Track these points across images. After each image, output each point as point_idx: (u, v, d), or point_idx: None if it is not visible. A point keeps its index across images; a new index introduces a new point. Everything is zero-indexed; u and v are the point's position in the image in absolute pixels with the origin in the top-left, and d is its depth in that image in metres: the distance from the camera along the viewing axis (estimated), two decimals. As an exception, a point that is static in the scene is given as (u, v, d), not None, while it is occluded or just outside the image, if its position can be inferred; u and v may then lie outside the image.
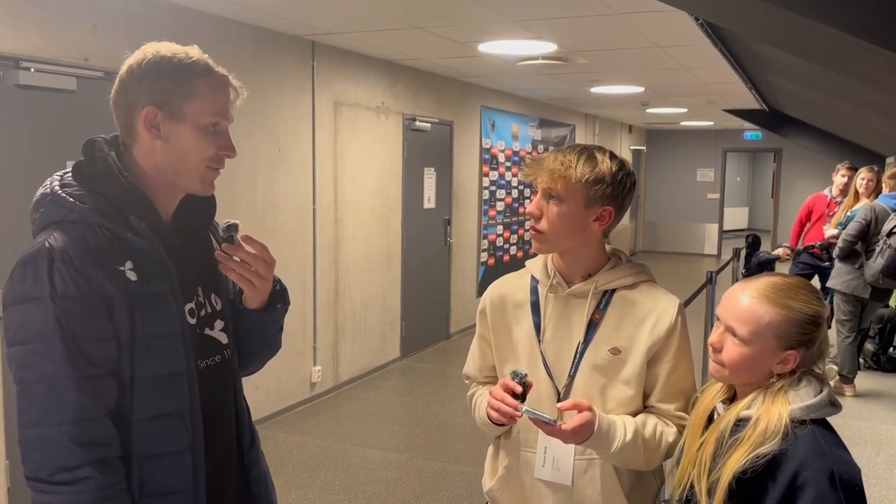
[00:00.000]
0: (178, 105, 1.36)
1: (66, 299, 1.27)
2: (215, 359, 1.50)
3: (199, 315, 1.48)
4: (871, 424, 5.07)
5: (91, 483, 1.26)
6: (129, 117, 1.39)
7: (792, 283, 1.44)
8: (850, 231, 5.42)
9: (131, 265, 1.35)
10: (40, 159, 3.47)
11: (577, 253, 1.68)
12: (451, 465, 4.50)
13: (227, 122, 1.43)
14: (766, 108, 9.62)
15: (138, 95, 1.36)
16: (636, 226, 14.96)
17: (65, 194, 1.35)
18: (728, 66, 6.12)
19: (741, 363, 1.43)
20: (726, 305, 1.46)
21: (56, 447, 1.26)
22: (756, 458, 1.33)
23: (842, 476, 1.30)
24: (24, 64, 3.41)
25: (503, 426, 1.69)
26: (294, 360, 5.38)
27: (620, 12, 4.36)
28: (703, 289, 5.42)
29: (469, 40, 5.35)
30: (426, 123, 6.97)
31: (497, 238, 8.80)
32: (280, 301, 1.57)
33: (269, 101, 5.02)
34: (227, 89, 1.42)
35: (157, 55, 1.38)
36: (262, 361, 1.68)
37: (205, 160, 1.40)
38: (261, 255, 1.46)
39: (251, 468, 1.59)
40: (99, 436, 1.29)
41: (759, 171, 19.98)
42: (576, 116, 11.34)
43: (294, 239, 5.34)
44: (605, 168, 1.61)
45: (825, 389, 1.40)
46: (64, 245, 1.30)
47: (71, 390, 1.27)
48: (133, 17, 3.95)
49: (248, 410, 1.62)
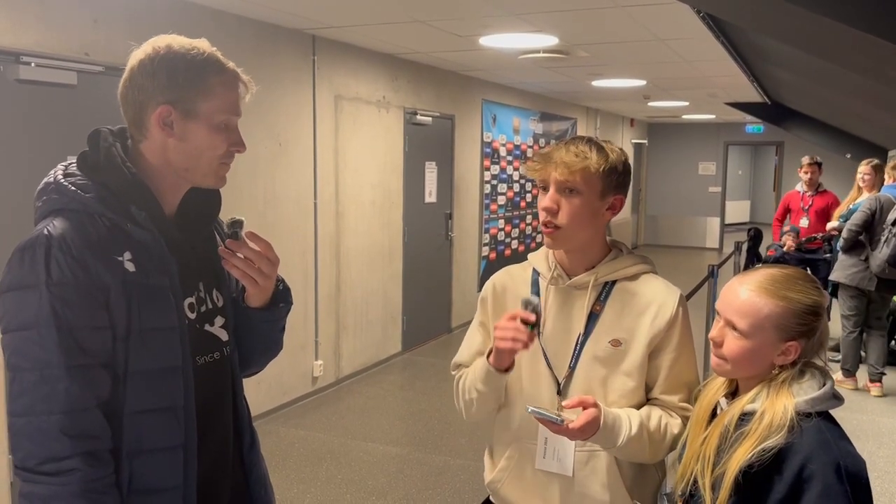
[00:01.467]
0: (194, 103, 1.36)
1: (62, 287, 1.26)
2: (214, 355, 1.48)
3: (200, 310, 1.46)
4: (872, 418, 5.08)
5: (78, 475, 1.25)
6: (140, 114, 1.37)
7: (790, 274, 1.44)
8: (856, 221, 5.39)
9: (130, 256, 1.33)
10: (41, 154, 3.47)
11: (584, 246, 1.68)
12: (453, 458, 4.51)
13: (238, 117, 1.43)
14: (768, 101, 9.60)
15: (151, 93, 1.35)
16: (638, 219, 14.95)
17: (67, 183, 1.34)
18: (730, 58, 6.10)
19: (742, 356, 1.43)
20: (725, 299, 1.46)
21: (45, 437, 1.25)
22: (762, 452, 1.33)
23: (848, 468, 1.30)
24: (25, 59, 3.41)
25: (490, 403, 1.67)
26: (296, 354, 5.38)
27: (622, 5, 4.35)
28: (705, 282, 5.43)
29: (470, 34, 5.34)
30: (427, 117, 6.96)
31: (498, 232, 8.80)
32: (283, 300, 1.55)
33: (270, 96, 5.01)
34: (238, 85, 1.42)
35: (170, 51, 1.36)
36: (264, 362, 1.66)
37: (217, 157, 1.40)
38: (265, 252, 1.45)
39: (251, 469, 1.58)
40: (89, 427, 1.27)
41: (760, 164, 19.94)
42: (577, 110, 11.32)
43: (295, 233, 5.34)
44: (615, 157, 1.64)
45: (828, 382, 1.41)
46: (62, 233, 1.28)
47: (63, 379, 1.25)
48: (133, 12, 3.95)
49: (248, 410, 1.60)
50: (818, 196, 6.73)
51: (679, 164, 15.11)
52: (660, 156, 15.27)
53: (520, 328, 1.52)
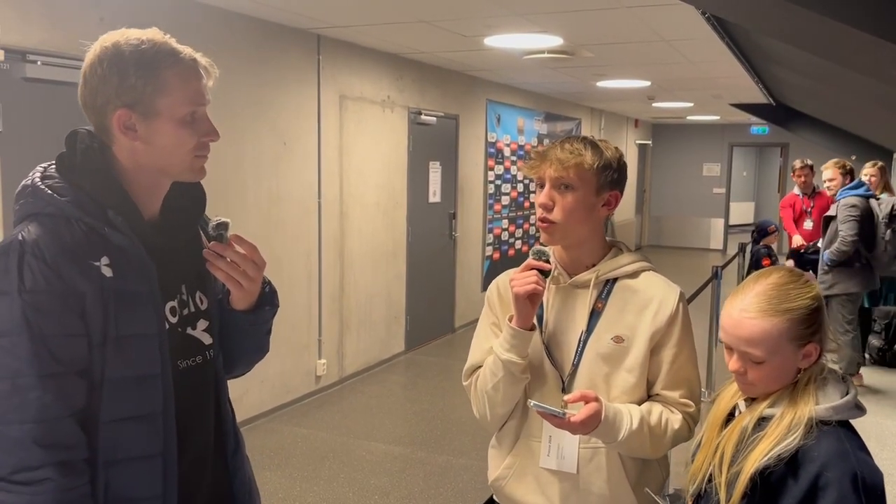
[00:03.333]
0: (151, 102, 1.30)
1: (35, 294, 1.23)
2: (196, 359, 1.44)
3: (182, 314, 1.42)
4: (876, 420, 5.07)
5: (52, 485, 1.22)
6: (101, 119, 1.33)
7: (780, 284, 1.41)
8: (850, 231, 5.30)
9: (107, 260, 1.29)
10: (46, 152, 3.46)
11: (582, 243, 1.70)
12: (456, 458, 4.51)
13: (205, 106, 1.36)
14: (773, 102, 9.58)
15: (107, 97, 1.30)
16: (642, 220, 14.94)
17: (44, 186, 1.31)
18: (735, 59, 6.09)
19: (770, 377, 1.41)
20: (731, 332, 1.43)
21: (17, 446, 1.21)
22: (780, 455, 1.32)
23: (864, 480, 1.29)
24: (31, 57, 3.43)
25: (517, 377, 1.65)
26: (299, 353, 5.39)
27: (627, 6, 4.35)
28: (709, 283, 5.42)
29: (475, 34, 5.34)
30: (431, 117, 6.96)
31: (502, 232, 8.80)
32: (269, 303, 1.51)
33: (275, 95, 5.02)
34: (197, 73, 1.35)
35: (118, 49, 1.30)
36: (249, 364, 1.62)
37: (189, 151, 1.35)
38: (250, 255, 1.41)
39: (235, 473, 1.54)
40: (62, 437, 1.24)
41: (765, 165, 19.88)
42: (581, 110, 11.32)
43: (299, 232, 5.35)
44: (609, 154, 1.67)
45: (851, 391, 1.39)
46: (36, 239, 1.25)
47: (35, 388, 1.22)
48: (139, 10, 3.96)
49: (232, 414, 1.57)
50: (817, 198, 6.79)
51: (683, 165, 15.09)
52: (664, 157, 15.25)
53: (533, 273, 1.60)
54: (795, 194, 6.94)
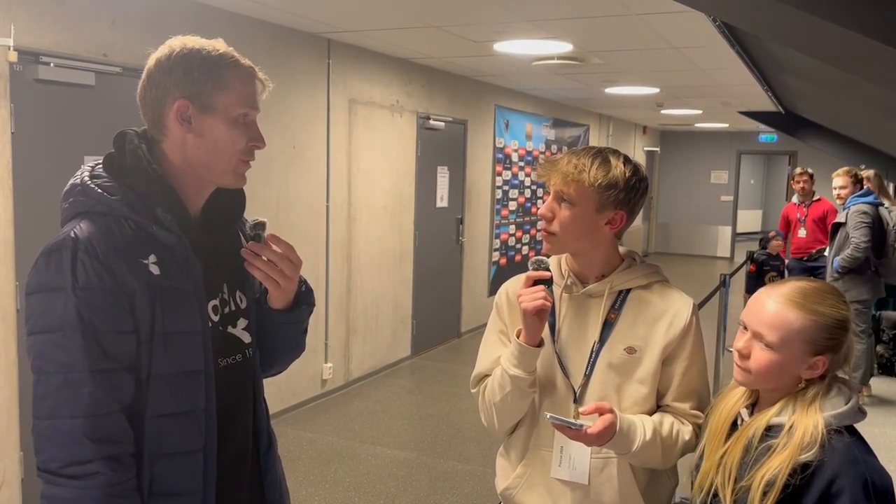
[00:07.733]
0: (210, 97, 1.36)
1: (88, 291, 1.27)
2: (236, 357, 1.48)
3: (223, 312, 1.46)
4: (883, 430, 5.04)
5: (101, 479, 1.25)
6: (158, 112, 1.38)
7: (819, 288, 1.43)
8: (862, 238, 5.30)
9: (155, 259, 1.33)
10: (59, 154, 3.50)
11: (590, 254, 1.69)
12: (462, 464, 4.50)
13: (256, 112, 1.42)
14: (782, 110, 9.56)
15: (168, 89, 1.36)
16: (649, 227, 14.91)
17: (94, 185, 1.34)
18: (744, 67, 6.08)
19: (769, 369, 1.41)
20: (753, 311, 1.44)
21: (68, 440, 1.25)
22: (801, 471, 1.31)
23: (875, 484, 1.30)
24: (44, 59, 3.45)
25: (525, 391, 1.65)
26: (306, 356, 5.35)
27: (637, 13, 4.35)
28: (717, 291, 5.40)
29: (484, 39, 5.35)
30: (440, 122, 6.97)
31: (509, 238, 8.80)
32: (305, 302, 1.55)
33: (285, 99, 5.04)
34: (254, 80, 1.42)
35: (185, 48, 1.37)
36: (286, 363, 1.66)
37: (237, 153, 1.40)
38: (287, 254, 1.45)
39: (266, 472, 1.57)
40: (112, 431, 1.28)
41: (773, 173, 19.83)
42: (590, 117, 11.31)
43: (307, 236, 5.36)
44: (618, 173, 1.61)
45: (854, 397, 1.40)
46: (89, 236, 1.29)
47: (87, 383, 1.25)
48: (151, 13, 3.98)
49: (267, 412, 1.60)
50: (814, 205, 6.82)
51: (691, 172, 15.06)
52: (672, 164, 15.23)
53: (541, 289, 1.58)
54: (793, 203, 7.00)
